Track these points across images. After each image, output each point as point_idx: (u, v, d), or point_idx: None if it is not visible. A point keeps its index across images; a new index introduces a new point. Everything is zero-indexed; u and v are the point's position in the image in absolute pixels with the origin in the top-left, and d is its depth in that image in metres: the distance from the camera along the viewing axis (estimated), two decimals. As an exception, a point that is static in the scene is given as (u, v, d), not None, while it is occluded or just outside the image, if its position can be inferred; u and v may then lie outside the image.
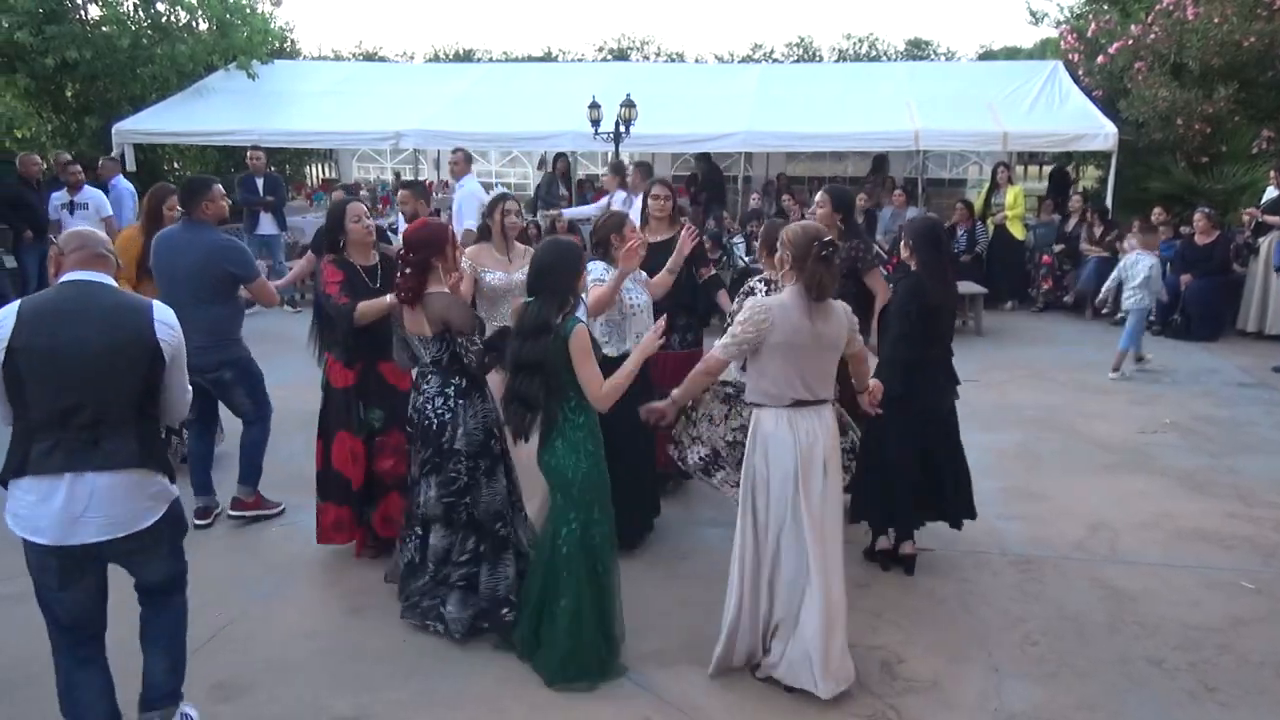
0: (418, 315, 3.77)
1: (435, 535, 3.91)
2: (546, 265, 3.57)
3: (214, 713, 3.46)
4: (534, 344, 3.48)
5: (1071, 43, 14.40)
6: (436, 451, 3.83)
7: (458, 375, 3.83)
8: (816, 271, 3.40)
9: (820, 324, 3.46)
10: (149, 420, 3.01)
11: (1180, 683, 3.66)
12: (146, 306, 3.01)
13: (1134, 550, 4.84)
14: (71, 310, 2.88)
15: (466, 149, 9.69)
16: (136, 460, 2.91)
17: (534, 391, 3.51)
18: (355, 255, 4.49)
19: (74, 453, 2.82)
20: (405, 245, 3.82)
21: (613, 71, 15.46)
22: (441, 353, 3.79)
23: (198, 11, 14.12)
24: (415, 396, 3.92)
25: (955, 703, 3.52)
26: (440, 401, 3.82)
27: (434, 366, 3.84)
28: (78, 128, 13.50)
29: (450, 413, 3.81)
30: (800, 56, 29.77)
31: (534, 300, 3.56)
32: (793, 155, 16.25)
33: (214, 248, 4.82)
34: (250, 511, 5.10)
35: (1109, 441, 6.54)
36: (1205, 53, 11.49)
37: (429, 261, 3.78)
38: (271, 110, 13.20)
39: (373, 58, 26.88)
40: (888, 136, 12.13)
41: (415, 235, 3.85)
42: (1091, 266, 10.89)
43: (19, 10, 11.80)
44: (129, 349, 2.90)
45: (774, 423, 3.50)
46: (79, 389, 2.82)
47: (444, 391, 3.82)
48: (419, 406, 3.88)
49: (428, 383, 3.87)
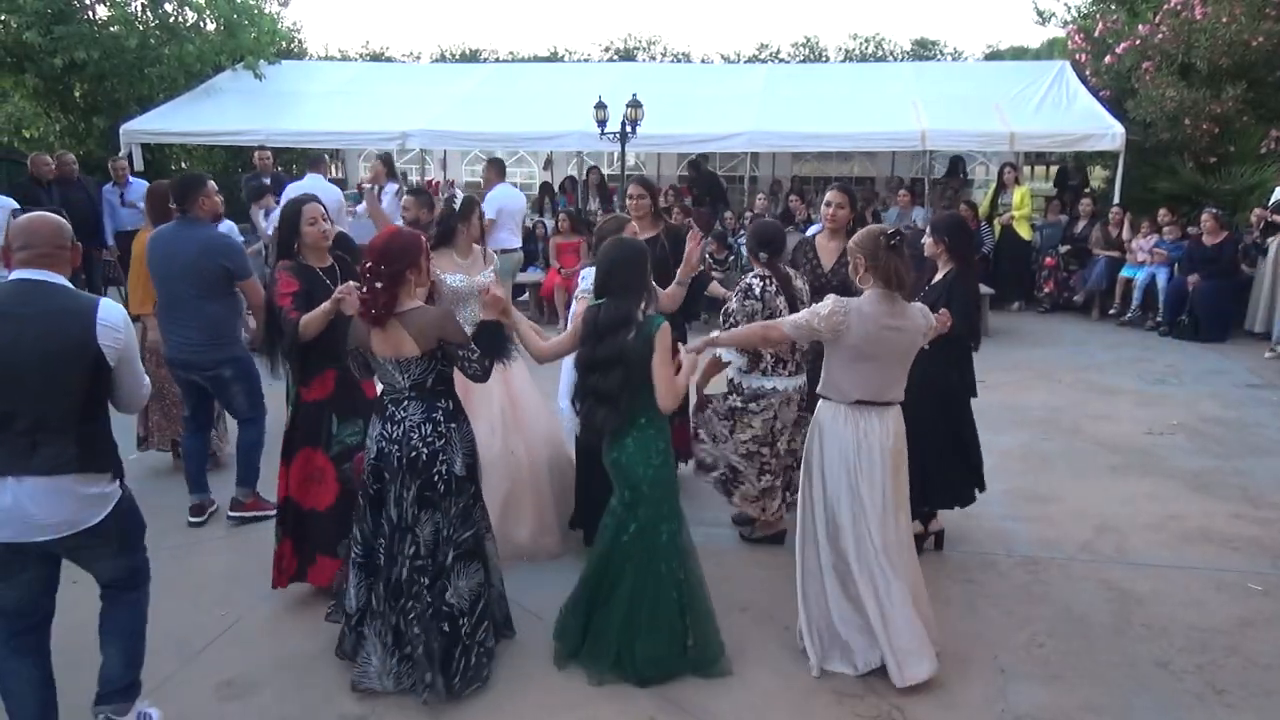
0: (394, 335, 3.38)
1: (464, 577, 3.51)
2: (617, 264, 3.55)
3: (221, 711, 3.47)
4: (612, 341, 3.46)
5: (1079, 42, 14.37)
6: (428, 485, 3.44)
7: (444, 398, 3.52)
8: (890, 262, 3.50)
9: (897, 326, 3.53)
10: (91, 423, 2.93)
11: (1187, 684, 3.65)
12: (90, 310, 2.89)
13: (1141, 552, 4.83)
14: (11, 314, 2.81)
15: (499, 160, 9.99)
16: (75, 465, 2.86)
17: (615, 387, 3.49)
18: (311, 258, 4.19)
19: (14, 456, 2.80)
20: (373, 257, 3.38)
21: (619, 71, 15.46)
22: (426, 373, 3.44)
23: (205, 12, 14.16)
24: (387, 428, 3.46)
25: (961, 703, 3.51)
26: (429, 429, 3.44)
27: (414, 391, 3.45)
28: (86, 128, 13.56)
29: (442, 439, 3.45)
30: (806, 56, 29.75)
31: (606, 301, 3.54)
32: (799, 155, 16.24)
33: (208, 243, 4.81)
34: (249, 513, 5.08)
35: (1116, 443, 6.52)
36: (1213, 52, 11.45)
37: (402, 275, 3.39)
38: (278, 110, 13.23)
39: (379, 58, 26.94)
40: (894, 137, 12.12)
41: (386, 246, 3.41)
42: (1101, 267, 10.87)
43: (27, 11, 11.85)
44: (67, 357, 2.83)
45: (833, 417, 3.62)
46: (13, 397, 2.79)
47: (430, 417, 3.45)
48: (397, 437, 3.43)
49: (405, 410, 3.46)
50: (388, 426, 3.47)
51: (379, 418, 3.53)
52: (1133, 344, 9.65)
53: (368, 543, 3.56)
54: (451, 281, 4.52)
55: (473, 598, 3.54)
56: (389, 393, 3.52)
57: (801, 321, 3.60)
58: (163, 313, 4.91)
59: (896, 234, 3.54)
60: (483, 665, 3.55)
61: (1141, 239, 10.63)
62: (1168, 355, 8.96)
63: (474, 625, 3.54)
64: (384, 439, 3.47)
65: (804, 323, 3.58)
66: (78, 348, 2.85)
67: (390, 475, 3.47)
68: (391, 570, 3.49)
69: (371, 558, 3.56)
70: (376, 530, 3.54)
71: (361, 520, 3.58)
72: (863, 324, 3.47)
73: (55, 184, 9.84)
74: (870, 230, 3.63)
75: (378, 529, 3.53)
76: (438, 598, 3.46)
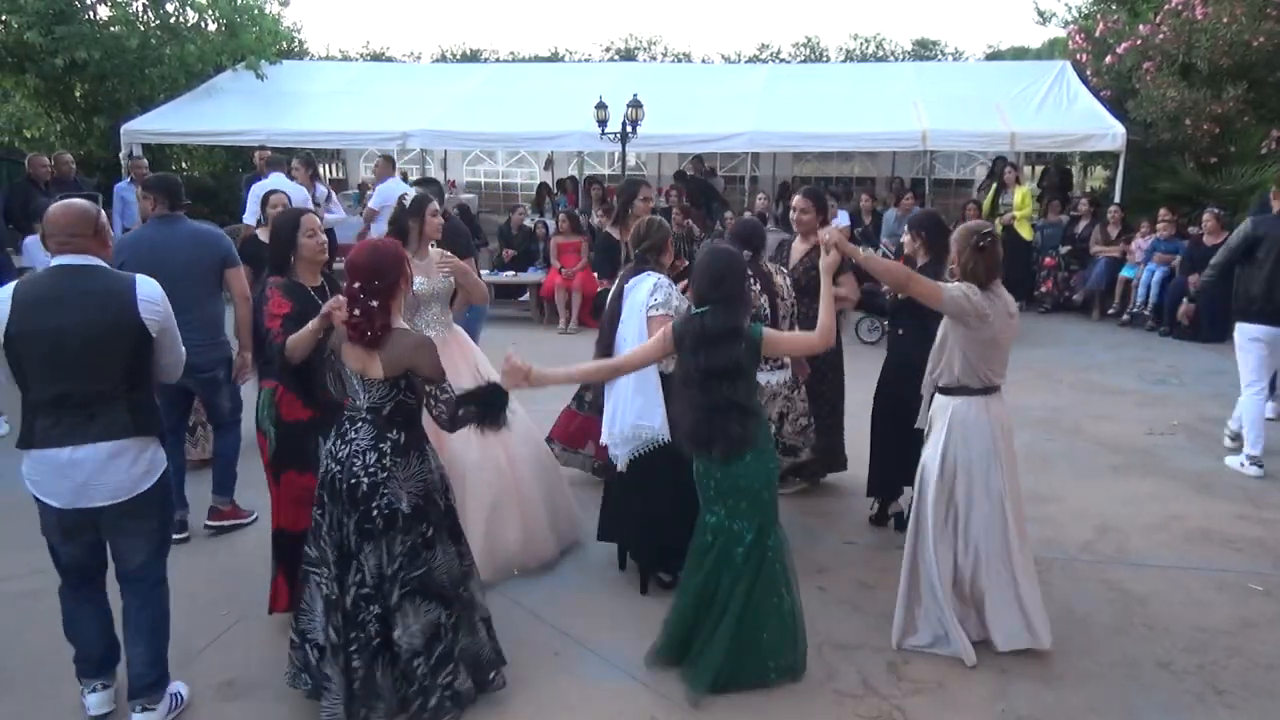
0: (363, 352, 3.21)
1: (413, 616, 3.26)
2: (722, 272, 3.46)
3: (221, 711, 3.47)
4: (725, 350, 3.38)
5: (1079, 43, 14.38)
6: (365, 517, 3.21)
7: (397, 429, 3.26)
8: (971, 260, 3.67)
9: (1013, 314, 3.75)
10: (139, 390, 3.16)
11: (1188, 685, 3.64)
12: (129, 287, 3.10)
13: (1142, 552, 4.82)
14: (57, 297, 3.01)
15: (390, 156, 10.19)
16: (131, 429, 3.10)
17: (743, 397, 3.43)
18: (304, 275, 3.85)
19: (72, 429, 3.02)
20: (361, 275, 3.16)
21: (619, 71, 15.47)
22: (385, 400, 3.23)
23: (206, 12, 14.17)
24: (336, 444, 3.27)
25: (962, 704, 3.51)
26: (372, 457, 3.20)
27: (369, 414, 3.24)
28: (86, 128, 13.56)
29: (385, 472, 3.20)
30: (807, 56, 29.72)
31: (708, 310, 3.43)
32: (800, 155, 16.25)
33: (200, 236, 4.72)
34: (227, 521, 4.96)
35: (1117, 443, 6.52)
36: (1214, 53, 11.46)
37: (396, 287, 3.22)
38: (279, 110, 13.25)
39: (380, 58, 26.93)
40: (895, 137, 12.14)
41: (373, 261, 3.20)
42: (1101, 267, 10.87)
43: (28, 11, 11.85)
44: (114, 333, 3.04)
45: (966, 407, 3.72)
46: (68, 376, 3.00)
47: (378, 446, 3.22)
48: (342, 458, 3.23)
49: (357, 430, 3.24)
50: (336, 444, 3.28)
51: (333, 434, 3.32)
52: (1133, 344, 9.65)
53: (326, 563, 3.30)
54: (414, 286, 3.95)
55: (426, 636, 3.28)
56: (349, 408, 3.31)
57: (958, 293, 3.62)
58: None
59: (989, 235, 3.69)
60: (444, 709, 3.29)
61: (1141, 239, 10.63)
62: (1168, 355, 8.96)
63: (431, 667, 3.28)
64: (330, 456, 3.28)
65: (960, 295, 3.61)
66: (121, 323, 3.05)
67: (331, 497, 3.26)
68: (344, 599, 3.25)
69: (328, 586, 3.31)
70: (327, 555, 3.28)
71: (315, 540, 3.33)
72: (997, 313, 3.65)
73: (52, 185, 9.83)
74: (967, 227, 3.78)
75: (328, 554, 3.28)
76: (383, 633, 3.26)
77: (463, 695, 3.37)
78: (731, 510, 3.51)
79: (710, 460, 3.48)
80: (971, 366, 3.70)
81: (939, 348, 3.80)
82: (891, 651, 3.84)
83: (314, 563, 3.31)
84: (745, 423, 3.42)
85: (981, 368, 3.70)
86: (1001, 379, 3.78)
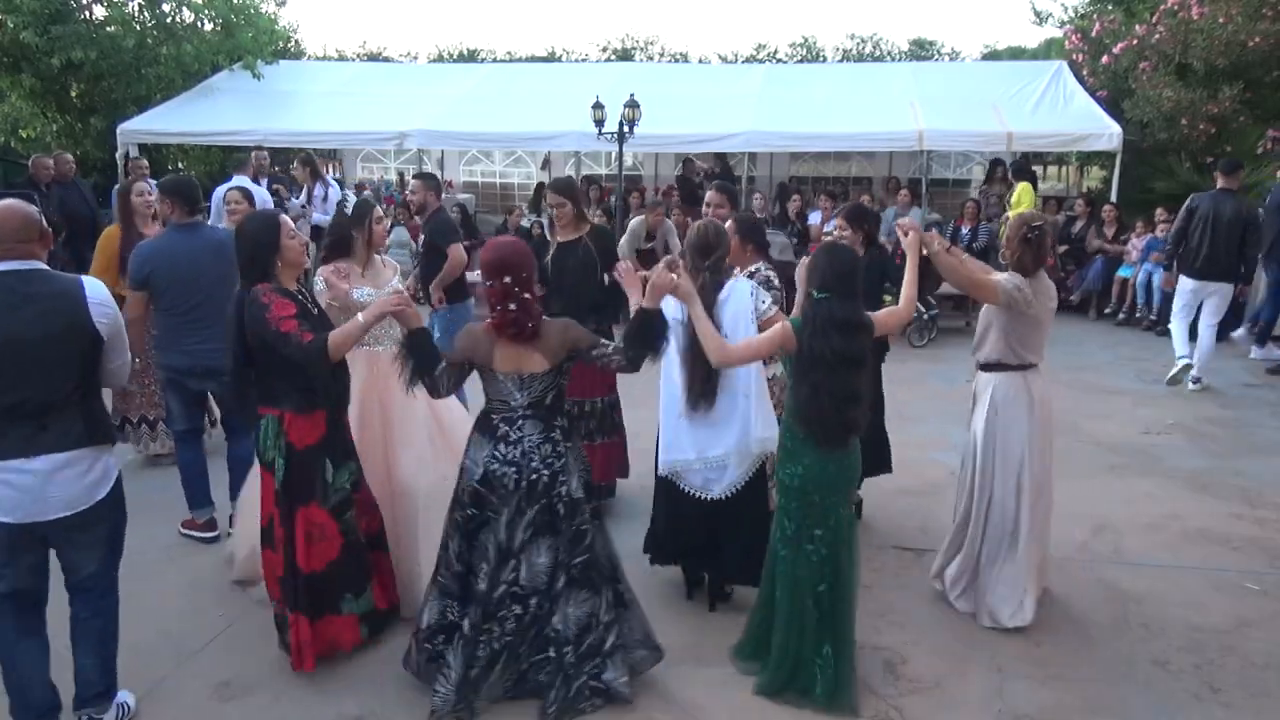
0: (518, 349, 3.26)
1: (574, 604, 3.38)
2: (847, 268, 3.45)
3: (220, 712, 3.47)
4: (854, 340, 3.40)
5: (1076, 43, 14.38)
6: (547, 509, 3.32)
7: (560, 415, 3.39)
8: (1019, 250, 3.91)
9: (1054, 297, 4.05)
10: (92, 398, 3.11)
11: (1185, 684, 3.65)
12: (77, 290, 3.03)
13: (1139, 551, 4.83)
14: (9, 305, 2.92)
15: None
16: (85, 439, 3.04)
17: (869, 387, 3.54)
18: (285, 280, 3.60)
19: (26, 439, 2.94)
20: (506, 270, 3.20)
21: (617, 71, 15.46)
22: (548, 390, 3.31)
23: (203, 11, 14.13)
24: (500, 448, 3.30)
25: (959, 704, 3.51)
26: (548, 449, 3.30)
27: (531, 409, 3.30)
28: (83, 128, 13.52)
29: (561, 459, 3.32)
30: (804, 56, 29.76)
31: (829, 296, 3.40)
32: (797, 156, 16.23)
33: (224, 246, 4.54)
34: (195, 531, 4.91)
35: (1113, 442, 6.53)
36: (1210, 53, 11.47)
37: (534, 281, 3.29)
38: (276, 111, 13.22)
39: (377, 58, 26.92)
40: (892, 137, 12.13)
41: (509, 255, 3.26)
42: (1098, 267, 10.88)
43: (24, 11, 11.81)
44: (65, 338, 2.98)
45: (1009, 384, 4.00)
46: (20, 383, 2.93)
47: (549, 437, 3.32)
48: (515, 458, 3.28)
49: (520, 429, 3.30)
50: (500, 447, 3.29)
51: (486, 438, 3.33)
52: (1130, 344, 9.66)
53: (462, 567, 3.39)
54: (358, 295, 3.99)
55: (579, 628, 3.37)
56: (498, 410, 3.32)
57: (1010, 287, 3.87)
58: (184, 323, 4.59)
59: (1039, 228, 3.90)
60: (582, 697, 3.35)
61: (1136, 238, 10.64)
62: (1165, 355, 8.96)
63: (579, 656, 3.36)
64: (496, 460, 3.29)
65: (1013, 289, 3.86)
66: (74, 326, 3.00)
67: (501, 499, 3.31)
68: (492, 594, 3.33)
69: (465, 583, 3.40)
70: (476, 554, 3.36)
71: (456, 545, 3.39)
72: (1040, 298, 3.91)
73: (53, 185, 9.81)
74: (1022, 217, 4.01)
75: (477, 553, 3.36)
76: (544, 622, 3.36)
77: (611, 690, 3.37)
78: (827, 502, 3.49)
79: (829, 450, 3.45)
80: (1010, 347, 3.97)
81: (982, 328, 4.09)
82: (888, 651, 3.84)
83: (444, 562, 3.43)
84: (863, 412, 3.48)
85: (1019, 348, 3.97)
86: (1040, 358, 4.06)
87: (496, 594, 3.33)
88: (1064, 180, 18.03)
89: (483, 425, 3.38)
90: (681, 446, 3.96)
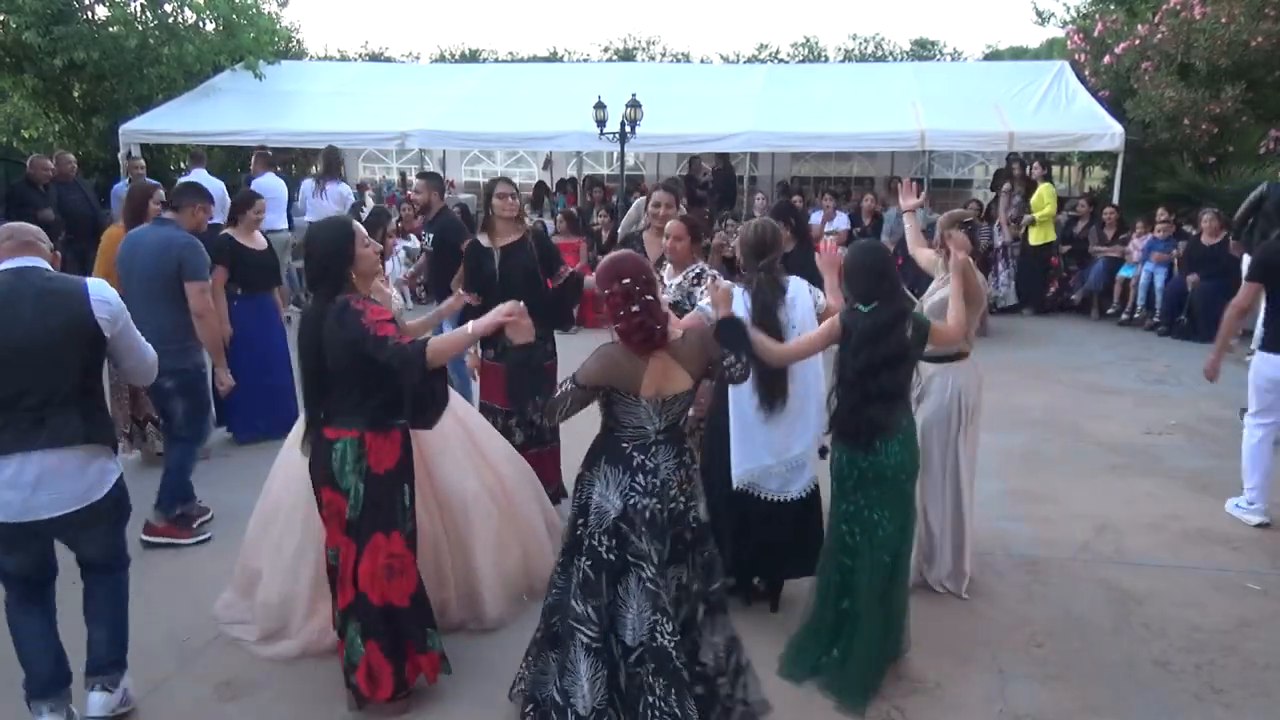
0: (662, 367, 2.96)
1: (717, 633, 3.16)
2: (883, 267, 3.52)
3: (221, 711, 3.47)
4: (893, 339, 3.43)
5: (1078, 43, 14.38)
6: (678, 538, 3.04)
7: (686, 438, 3.17)
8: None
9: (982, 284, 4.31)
10: (91, 396, 3.13)
11: (1186, 684, 3.65)
12: (80, 288, 3.07)
13: (1140, 552, 4.83)
14: (9, 299, 2.98)
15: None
16: (81, 436, 3.03)
17: (904, 382, 3.54)
18: (363, 288, 3.38)
19: (22, 434, 2.95)
20: (619, 273, 2.96)
21: (618, 71, 15.47)
22: (682, 411, 3.08)
23: (204, 12, 14.15)
24: (639, 479, 2.98)
25: (960, 704, 3.51)
26: (683, 474, 3.05)
27: (665, 434, 3.03)
28: (85, 128, 13.54)
29: (692, 483, 3.09)
30: (806, 56, 29.73)
31: (876, 305, 3.46)
32: (798, 156, 16.25)
33: (171, 242, 4.75)
34: (161, 538, 4.79)
35: (1115, 442, 6.52)
36: (1212, 53, 11.46)
37: (653, 284, 3.01)
38: (278, 111, 13.24)
39: (379, 58, 26.91)
40: (893, 137, 12.14)
41: (625, 262, 3.02)
42: (1100, 267, 10.88)
43: (27, 11, 11.83)
44: (67, 332, 3.00)
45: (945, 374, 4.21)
46: (22, 375, 2.95)
47: (682, 461, 3.06)
48: (654, 488, 2.98)
49: (653, 456, 3.00)
50: (639, 478, 2.98)
51: (619, 468, 3.00)
52: (1131, 344, 9.65)
53: (602, 620, 2.99)
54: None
55: (726, 652, 3.16)
56: (632, 439, 3.02)
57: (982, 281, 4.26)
58: None
59: (970, 220, 4.16)
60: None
61: (1137, 239, 10.64)
62: (1166, 355, 8.97)
63: (730, 683, 3.15)
64: (638, 491, 2.98)
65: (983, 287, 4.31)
66: (76, 322, 3.02)
67: (639, 534, 2.99)
68: (652, 642, 2.95)
69: (608, 640, 3.01)
70: (620, 603, 3.00)
71: (593, 594, 3.00)
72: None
73: (53, 185, 9.80)
74: (950, 215, 4.36)
75: (617, 599, 3.00)
76: (690, 660, 3.05)
77: (754, 707, 3.21)
78: (870, 500, 3.51)
79: (855, 448, 3.49)
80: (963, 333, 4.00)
81: None
82: (890, 651, 3.84)
83: (580, 619, 3.00)
84: (894, 409, 3.47)
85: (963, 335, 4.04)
86: (969, 345, 4.26)
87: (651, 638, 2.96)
88: (1066, 180, 17.99)
89: (612, 455, 3.03)
90: (757, 454, 3.89)
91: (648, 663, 2.95)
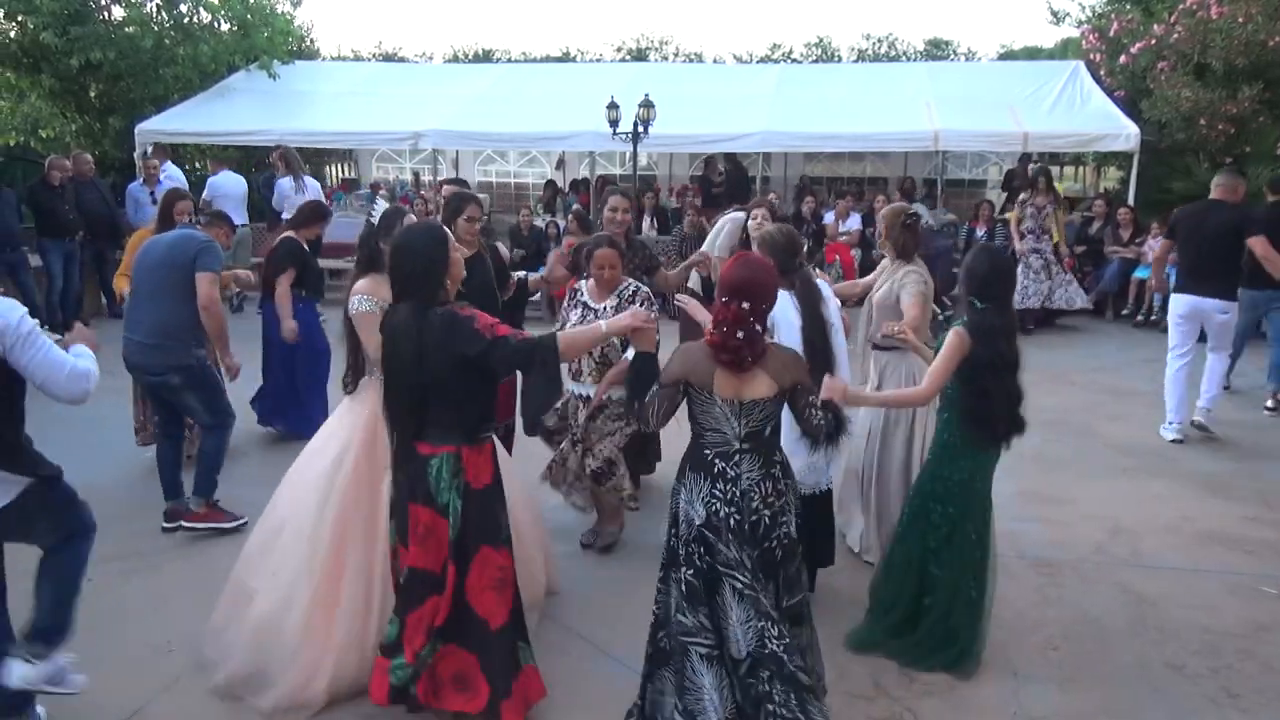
0: (751, 374, 2.95)
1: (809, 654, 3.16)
2: (989, 273, 3.65)
3: (225, 711, 3.48)
4: (1014, 343, 3.62)
5: (1093, 42, 14.29)
6: (766, 553, 2.99)
7: (779, 450, 3.09)
8: (902, 236, 4.40)
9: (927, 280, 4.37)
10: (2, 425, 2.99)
11: (1201, 688, 3.63)
12: None
13: (1154, 554, 4.81)
14: None
15: None
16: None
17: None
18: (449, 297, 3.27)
19: None
20: (746, 292, 2.90)
21: (631, 71, 15.48)
22: (768, 420, 3.00)
23: (219, 12, 14.23)
24: (719, 486, 2.96)
25: (974, 706, 3.51)
26: (768, 486, 2.98)
27: (748, 441, 2.97)
28: (101, 128, 13.64)
29: (782, 498, 3.01)
30: (819, 56, 29.63)
31: (990, 307, 3.61)
32: (811, 156, 16.21)
33: (190, 238, 4.85)
34: (201, 524, 4.86)
35: (1128, 444, 6.50)
36: (1229, 52, 11.37)
37: (766, 315, 3.00)
38: (292, 110, 13.31)
39: (392, 58, 26.97)
40: (907, 137, 12.10)
41: (760, 278, 2.96)
42: (1114, 268, 10.82)
43: (44, 12, 11.93)
44: None
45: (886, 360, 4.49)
46: None
47: (770, 473, 2.99)
48: (734, 498, 2.95)
49: (737, 465, 2.97)
50: (720, 485, 2.96)
51: (700, 475, 3.00)
52: (1146, 345, 9.58)
53: (707, 630, 2.95)
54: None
55: (807, 663, 3.09)
56: (714, 445, 2.99)
57: (928, 292, 4.33)
58: (126, 312, 4.97)
59: (913, 215, 4.42)
60: None
61: (1152, 239, 10.57)
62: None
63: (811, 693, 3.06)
64: (718, 499, 2.95)
65: (928, 293, 4.34)
66: None
67: (725, 542, 2.95)
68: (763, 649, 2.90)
69: (724, 648, 2.96)
70: (718, 614, 2.96)
71: (700, 602, 2.97)
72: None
73: (70, 184, 9.88)
74: (893, 209, 4.53)
75: (716, 611, 2.97)
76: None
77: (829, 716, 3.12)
78: (988, 499, 3.81)
79: (994, 449, 3.72)
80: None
81: (866, 316, 4.55)
82: (902, 653, 3.84)
83: (690, 631, 2.96)
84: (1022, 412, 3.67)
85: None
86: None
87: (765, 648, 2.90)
88: (1081, 181, 17.89)
89: (696, 462, 3.03)
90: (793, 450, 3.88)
91: (762, 670, 2.88)
